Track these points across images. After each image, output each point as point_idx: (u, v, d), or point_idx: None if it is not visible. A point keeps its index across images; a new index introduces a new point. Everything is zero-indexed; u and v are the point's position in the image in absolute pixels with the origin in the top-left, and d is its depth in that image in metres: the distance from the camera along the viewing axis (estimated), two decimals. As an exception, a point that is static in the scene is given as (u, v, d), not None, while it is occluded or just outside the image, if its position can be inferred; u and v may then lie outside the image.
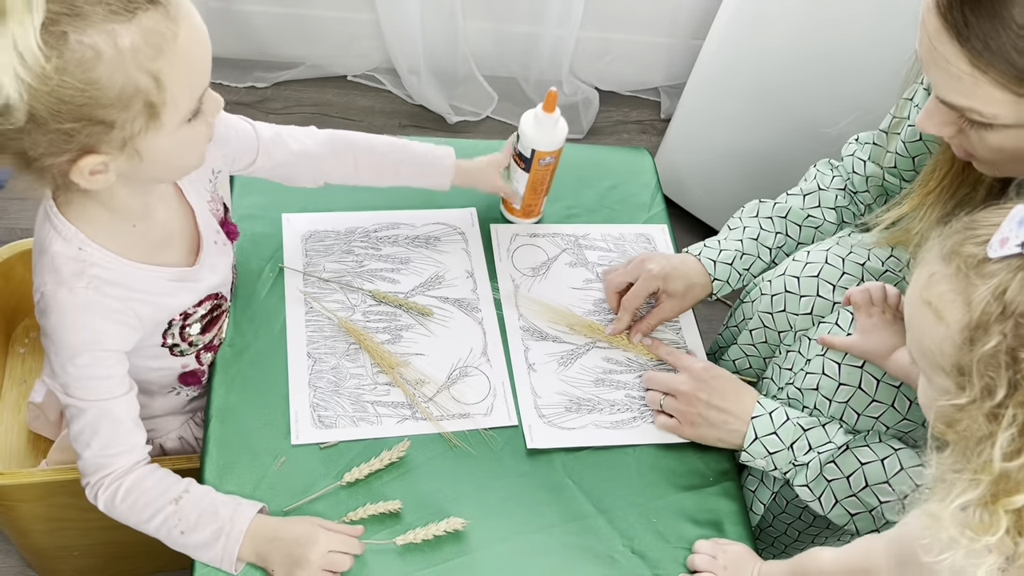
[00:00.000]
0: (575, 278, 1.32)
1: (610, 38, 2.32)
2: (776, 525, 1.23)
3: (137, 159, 0.82)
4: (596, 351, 1.24)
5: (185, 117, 0.83)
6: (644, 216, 1.42)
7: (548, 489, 1.11)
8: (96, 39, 0.73)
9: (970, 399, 0.67)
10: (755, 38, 1.75)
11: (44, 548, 1.34)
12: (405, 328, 1.21)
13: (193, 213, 1.04)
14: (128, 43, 0.74)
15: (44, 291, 0.92)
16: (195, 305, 1.05)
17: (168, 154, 0.85)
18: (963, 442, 0.68)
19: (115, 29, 0.73)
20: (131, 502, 0.98)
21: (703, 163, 2.01)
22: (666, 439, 1.17)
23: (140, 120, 0.79)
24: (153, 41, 0.76)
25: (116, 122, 0.78)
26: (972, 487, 0.66)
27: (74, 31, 0.72)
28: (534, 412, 1.17)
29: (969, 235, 0.69)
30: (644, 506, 1.11)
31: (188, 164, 0.92)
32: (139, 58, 0.75)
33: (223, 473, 1.05)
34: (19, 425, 1.32)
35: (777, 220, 1.27)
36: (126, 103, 0.77)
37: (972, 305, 0.67)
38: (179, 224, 1.03)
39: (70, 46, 0.72)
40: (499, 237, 1.34)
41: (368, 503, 1.04)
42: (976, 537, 0.66)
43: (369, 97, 2.32)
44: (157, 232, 0.98)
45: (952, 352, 0.69)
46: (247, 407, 1.11)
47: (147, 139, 0.81)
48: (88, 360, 0.94)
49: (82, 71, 0.73)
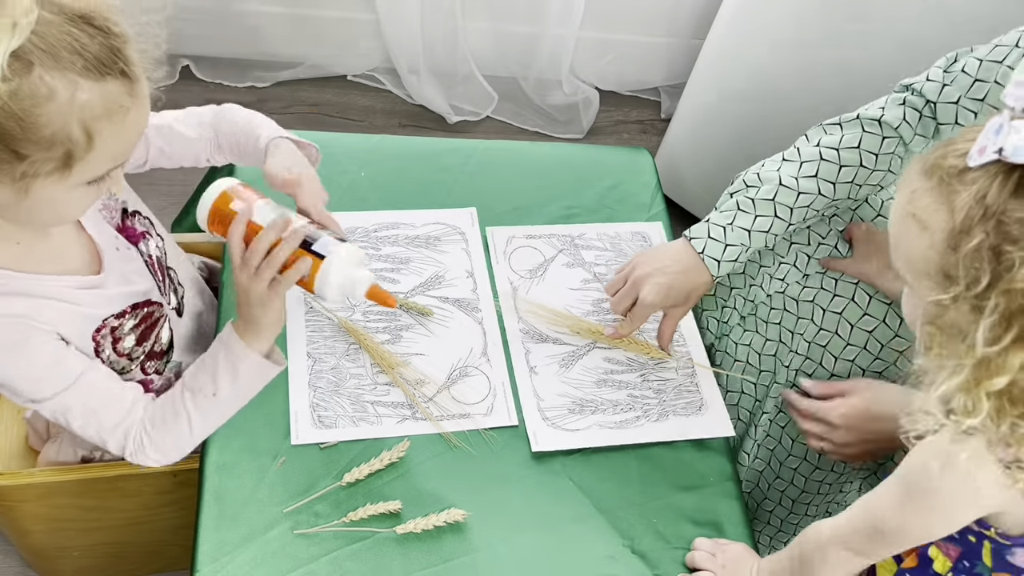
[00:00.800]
0: (573, 279, 1.32)
1: (610, 38, 2.32)
2: (771, 496, 1.24)
3: (22, 195, 0.81)
4: (596, 352, 1.24)
5: (91, 179, 0.84)
6: (644, 216, 1.42)
7: (549, 489, 1.11)
8: (57, 83, 0.75)
9: (955, 294, 0.70)
10: (755, 38, 1.75)
11: (44, 548, 1.34)
12: (405, 328, 1.21)
13: (80, 223, 1.00)
14: (84, 98, 0.77)
15: None
16: (117, 316, 1.01)
17: (52, 204, 0.85)
18: (947, 335, 0.72)
19: (79, 82, 0.77)
20: (163, 431, 0.99)
21: (703, 163, 2.01)
22: (668, 438, 1.17)
23: (52, 164, 0.79)
24: (106, 106, 0.79)
25: (29, 157, 0.78)
26: (956, 373, 0.70)
27: (41, 66, 0.74)
28: (537, 415, 1.17)
29: (949, 150, 0.72)
30: (644, 506, 1.11)
31: (66, 217, 0.93)
32: (85, 113, 0.78)
33: (223, 473, 1.05)
34: (19, 425, 1.32)
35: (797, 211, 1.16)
36: (49, 145, 0.78)
37: (955, 211, 0.70)
38: (71, 236, 0.99)
39: (31, 78, 0.74)
40: (495, 240, 1.34)
41: (368, 503, 1.04)
42: (960, 420, 0.70)
43: (369, 97, 2.32)
44: (45, 245, 0.94)
45: (937, 258, 0.72)
46: (247, 407, 1.10)
47: (45, 184, 0.81)
48: (24, 358, 0.91)
49: (30, 103, 0.75)
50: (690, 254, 1.17)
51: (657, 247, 1.26)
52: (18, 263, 0.91)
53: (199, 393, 0.99)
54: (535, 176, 1.44)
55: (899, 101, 1.15)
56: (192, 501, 1.05)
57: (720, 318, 1.36)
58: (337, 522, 1.03)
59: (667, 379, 1.23)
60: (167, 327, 1.10)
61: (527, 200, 1.40)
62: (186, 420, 1.00)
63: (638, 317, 1.18)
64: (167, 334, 1.10)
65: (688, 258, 1.18)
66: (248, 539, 1.01)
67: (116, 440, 0.99)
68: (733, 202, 1.18)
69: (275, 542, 1.01)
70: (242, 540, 1.01)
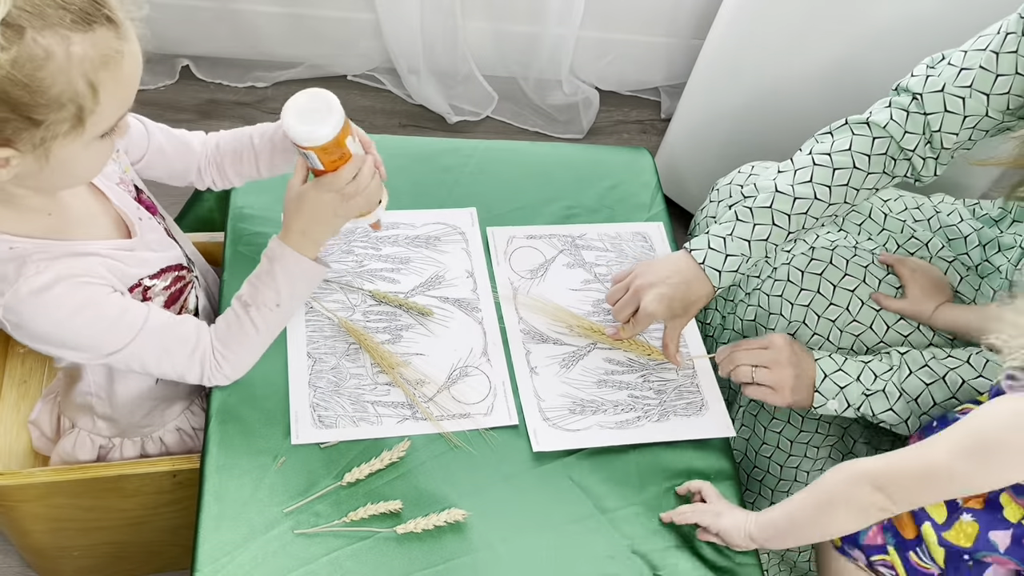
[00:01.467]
0: (573, 279, 1.32)
1: (610, 38, 2.32)
2: (760, 464, 1.26)
3: (43, 161, 0.84)
4: (597, 352, 1.24)
5: (103, 131, 0.87)
6: (644, 215, 1.42)
7: (549, 489, 1.11)
8: (50, 41, 0.77)
9: None
10: (755, 38, 1.75)
11: (44, 548, 1.34)
12: (405, 328, 1.21)
13: (104, 195, 1.05)
14: (79, 51, 0.79)
15: (4, 303, 0.91)
16: (152, 276, 1.06)
17: (74, 163, 0.88)
18: None
19: (71, 36, 0.78)
20: (236, 348, 1.07)
21: (703, 163, 2.01)
22: (668, 438, 1.17)
23: (66, 124, 0.82)
24: (102, 54, 0.81)
25: (44, 122, 0.80)
26: None
27: (32, 29, 0.76)
28: (538, 415, 1.17)
29: None
30: (645, 505, 1.11)
31: (86, 175, 0.96)
32: (84, 66, 0.80)
33: (223, 473, 1.05)
34: (19, 425, 1.32)
35: (795, 218, 1.16)
36: (60, 105, 0.80)
37: None
38: (97, 206, 1.04)
39: (25, 42, 0.76)
40: (496, 240, 1.34)
41: (369, 503, 1.04)
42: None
43: (369, 97, 2.32)
44: (75, 216, 0.99)
45: None
46: (247, 407, 1.11)
47: (63, 144, 0.84)
48: (93, 313, 0.95)
49: (31, 67, 0.77)
50: (691, 265, 1.18)
51: (658, 259, 1.26)
52: (55, 233, 0.95)
53: (263, 307, 1.07)
54: (535, 176, 1.44)
55: (885, 103, 1.18)
56: (192, 501, 1.05)
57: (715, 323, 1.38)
58: (337, 522, 1.03)
59: (668, 380, 1.23)
60: (194, 294, 1.15)
61: (527, 200, 1.40)
62: (255, 333, 1.08)
63: (640, 324, 1.19)
64: (194, 300, 1.15)
65: (689, 269, 1.18)
66: (248, 539, 1.01)
67: (194, 369, 1.06)
68: (732, 213, 1.19)
69: (275, 542, 1.01)
70: (242, 540, 1.00)
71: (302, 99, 0.99)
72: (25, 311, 0.92)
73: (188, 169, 1.20)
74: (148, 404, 1.18)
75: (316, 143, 0.99)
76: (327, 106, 0.98)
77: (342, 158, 1.02)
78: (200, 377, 1.07)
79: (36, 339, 0.96)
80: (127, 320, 0.98)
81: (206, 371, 1.07)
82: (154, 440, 1.22)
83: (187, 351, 1.04)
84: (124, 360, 1.00)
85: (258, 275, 1.08)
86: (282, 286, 1.07)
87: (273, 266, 1.07)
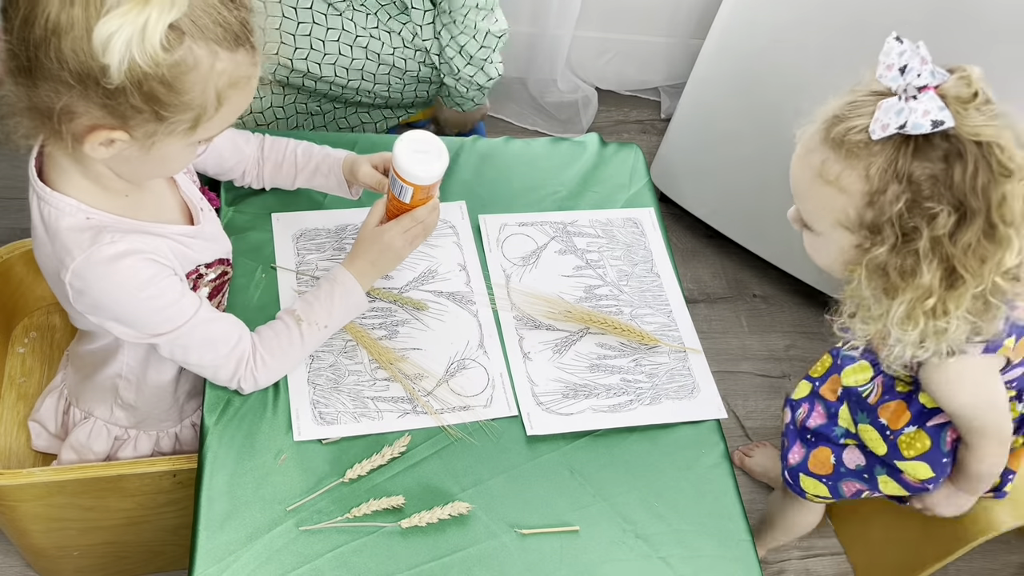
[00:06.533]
0: (565, 265, 1.33)
1: (610, 37, 2.32)
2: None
3: (146, 152, 0.88)
4: (589, 337, 1.26)
5: (206, 137, 0.91)
6: (626, 195, 1.43)
7: (550, 478, 1.12)
8: (202, 52, 0.82)
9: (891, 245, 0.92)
10: (755, 38, 1.74)
11: (44, 548, 1.34)
12: (401, 323, 1.22)
13: (175, 184, 1.10)
14: (221, 67, 0.84)
15: (75, 267, 0.94)
16: (207, 265, 1.10)
17: (170, 159, 0.93)
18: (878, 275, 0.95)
19: (219, 52, 0.83)
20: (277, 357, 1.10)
21: (703, 163, 2.01)
22: (661, 421, 1.19)
23: (183, 126, 0.86)
24: (237, 74, 0.86)
25: (168, 119, 0.84)
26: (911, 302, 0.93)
27: (190, 38, 0.80)
28: (532, 400, 1.18)
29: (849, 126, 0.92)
30: (644, 489, 1.13)
31: (173, 170, 1.03)
32: (221, 81, 0.85)
33: (224, 471, 1.06)
34: (19, 425, 1.32)
35: None
36: (188, 109, 0.85)
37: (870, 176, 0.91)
38: (168, 193, 1.09)
39: (182, 48, 0.80)
40: (488, 227, 1.35)
41: (372, 499, 1.06)
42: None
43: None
44: (148, 199, 1.03)
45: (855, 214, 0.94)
46: (247, 406, 1.11)
47: (168, 142, 0.88)
48: (155, 291, 0.98)
49: (179, 71, 0.81)
50: None
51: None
52: (130, 212, 0.99)
53: (313, 325, 1.12)
54: (523, 166, 1.45)
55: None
56: (192, 501, 1.05)
57: None
58: (341, 518, 1.04)
59: (659, 363, 1.25)
60: (227, 290, 1.19)
61: (516, 188, 1.41)
62: (300, 346, 1.12)
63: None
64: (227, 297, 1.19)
65: None
66: (252, 537, 1.01)
67: (228, 367, 1.08)
68: None
69: (279, 539, 1.02)
70: (246, 538, 1.01)
71: (414, 137, 1.10)
72: (92, 278, 0.95)
73: (237, 167, 1.26)
74: (172, 396, 1.19)
75: (421, 181, 1.09)
76: (438, 151, 1.10)
77: (428, 198, 1.14)
78: (231, 376, 1.08)
79: (94, 308, 0.98)
80: (182, 305, 1.01)
81: (240, 371, 1.08)
82: (169, 435, 1.23)
83: (227, 348, 1.06)
84: (168, 343, 1.02)
85: (316, 294, 1.14)
86: (336, 309, 1.14)
87: (334, 289, 1.14)
